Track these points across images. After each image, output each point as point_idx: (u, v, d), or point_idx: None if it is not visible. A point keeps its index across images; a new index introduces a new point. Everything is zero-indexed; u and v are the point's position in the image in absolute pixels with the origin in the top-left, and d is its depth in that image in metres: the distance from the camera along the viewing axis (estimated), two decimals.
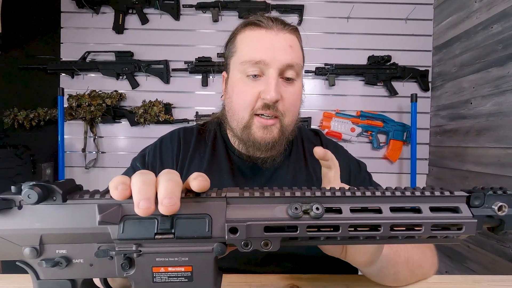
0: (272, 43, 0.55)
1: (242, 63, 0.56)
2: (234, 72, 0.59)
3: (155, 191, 0.26)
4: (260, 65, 0.54)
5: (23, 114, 1.68)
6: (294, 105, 0.58)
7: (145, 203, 0.25)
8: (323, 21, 1.78)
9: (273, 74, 0.54)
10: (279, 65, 0.54)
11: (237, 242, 0.27)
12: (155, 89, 1.77)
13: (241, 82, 0.57)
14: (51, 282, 0.28)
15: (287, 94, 0.56)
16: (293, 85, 0.58)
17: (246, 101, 0.56)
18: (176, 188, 0.26)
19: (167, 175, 0.27)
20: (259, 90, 0.55)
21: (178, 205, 0.25)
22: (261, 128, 0.56)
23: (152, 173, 0.27)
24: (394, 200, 0.29)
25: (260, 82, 0.56)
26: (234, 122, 0.59)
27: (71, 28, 1.75)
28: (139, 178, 0.26)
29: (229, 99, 0.61)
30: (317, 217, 0.27)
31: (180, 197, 0.26)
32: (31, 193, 0.25)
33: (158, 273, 0.28)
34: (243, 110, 0.57)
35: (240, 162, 0.64)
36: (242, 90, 0.57)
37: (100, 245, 0.28)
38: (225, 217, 0.27)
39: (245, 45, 0.58)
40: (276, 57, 0.54)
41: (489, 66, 1.35)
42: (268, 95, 0.53)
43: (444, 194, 0.29)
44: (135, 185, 0.26)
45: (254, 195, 0.28)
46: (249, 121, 0.57)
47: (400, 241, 0.30)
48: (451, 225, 0.29)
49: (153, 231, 0.27)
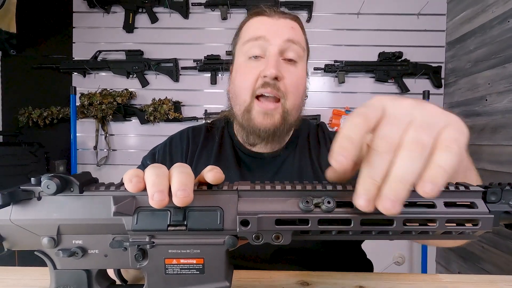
0: (273, 23, 0.57)
1: (244, 43, 0.58)
2: (238, 57, 0.60)
3: (169, 184, 0.26)
4: (261, 42, 0.55)
5: (37, 112, 1.73)
6: (295, 86, 0.57)
7: (160, 195, 0.25)
8: (332, 18, 1.76)
9: (273, 50, 0.55)
10: (279, 41, 0.55)
11: (249, 235, 0.27)
12: (165, 87, 1.78)
13: (243, 64, 0.58)
14: (67, 272, 0.29)
15: (288, 73, 0.56)
16: (295, 66, 0.58)
17: (248, 81, 0.56)
18: (189, 180, 0.26)
19: (179, 168, 0.27)
20: (259, 69, 0.55)
21: (191, 197, 0.26)
22: (261, 113, 0.56)
23: (164, 166, 0.28)
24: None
25: (261, 62, 0.56)
26: (237, 107, 0.60)
27: (83, 27, 1.79)
28: (152, 171, 0.27)
29: (232, 84, 0.62)
30: (329, 210, 0.27)
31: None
32: (50, 184, 0.26)
33: (171, 264, 0.28)
34: (245, 91, 0.57)
35: (246, 157, 0.64)
36: (243, 72, 0.58)
37: (115, 236, 0.28)
38: (237, 209, 0.27)
39: (247, 29, 0.60)
40: (276, 33, 0.55)
41: (505, 62, 1.31)
42: (267, 71, 0.53)
43: (459, 189, 0.28)
44: (149, 178, 0.26)
45: (265, 188, 0.28)
46: (250, 104, 0.57)
47: (413, 237, 0.29)
48: (467, 221, 0.29)
49: (166, 223, 0.27)
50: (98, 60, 1.76)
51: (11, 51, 1.74)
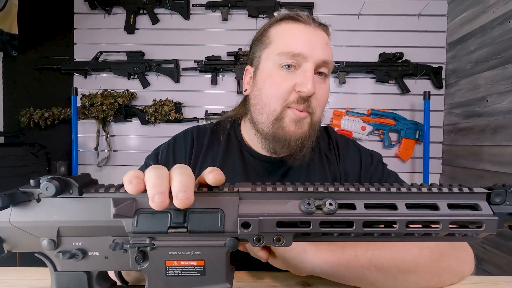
0: (310, 38, 0.55)
1: (279, 54, 0.55)
2: (267, 63, 0.58)
3: (169, 185, 0.26)
4: (298, 58, 0.54)
5: (39, 113, 1.73)
6: (324, 101, 0.58)
7: (160, 197, 0.25)
8: (333, 18, 1.76)
9: (311, 67, 0.53)
10: (316, 60, 0.54)
11: (250, 237, 0.27)
12: (166, 88, 1.78)
13: (275, 72, 0.56)
14: (67, 274, 0.29)
15: (320, 90, 0.56)
16: (325, 82, 0.58)
17: (280, 92, 0.55)
18: (190, 182, 0.26)
19: (180, 169, 0.27)
20: (294, 82, 0.54)
21: (192, 199, 0.26)
22: (294, 121, 0.55)
23: (165, 167, 0.28)
24: (410, 197, 0.28)
25: (296, 74, 0.55)
26: (264, 115, 0.57)
27: (84, 29, 1.79)
28: (153, 172, 0.27)
29: (258, 91, 0.59)
30: (330, 212, 0.27)
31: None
32: (49, 186, 0.26)
33: (171, 266, 0.28)
34: (275, 102, 0.55)
35: (254, 161, 0.63)
36: (276, 81, 0.56)
37: (115, 238, 0.28)
38: (238, 211, 0.27)
39: (282, 37, 0.57)
40: (314, 52, 0.54)
41: (506, 62, 1.31)
42: (305, 88, 0.52)
43: (462, 190, 0.28)
44: (149, 179, 0.26)
45: (266, 190, 0.28)
46: (282, 113, 0.55)
47: (416, 239, 0.29)
48: (470, 223, 0.28)
49: (166, 225, 0.27)
50: (99, 61, 1.76)
51: (13, 52, 1.75)
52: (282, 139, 0.56)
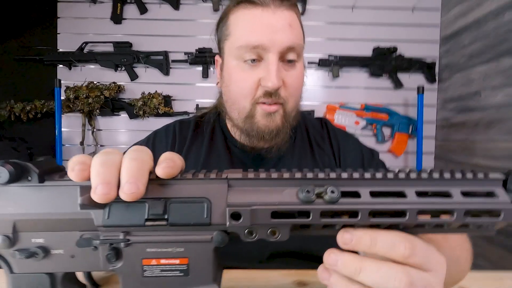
0: (269, 24, 0.49)
1: (238, 48, 0.51)
2: (229, 58, 0.54)
3: (118, 174, 0.22)
4: (258, 50, 0.50)
5: (20, 106, 1.65)
6: (296, 89, 0.54)
7: (102, 188, 0.21)
8: (327, 11, 1.73)
9: (273, 59, 0.49)
10: (279, 48, 0.49)
11: (240, 230, 0.24)
12: (155, 81, 1.72)
13: (238, 69, 0.53)
14: (26, 276, 0.25)
15: (289, 78, 0.52)
16: (295, 68, 0.53)
17: (246, 89, 0.52)
18: (141, 169, 0.22)
19: (132, 153, 0.23)
20: (258, 76, 0.51)
21: (141, 191, 0.22)
22: (265, 115, 0.52)
23: (118, 152, 0.24)
24: (420, 183, 0.25)
25: (259, 68, 0.51)
26: (235, 112, 0.55)
27: (68, 18, 1.71)
28: (99, 158, 0.23)
29: (226, 88, 0.56)
30: (333, 201, 0.23)
31: (175, 178, 0.23)
32: (1, 171, 0.22)
33: (149, 266, 0.24)
34: (243, 99, 0.53)
35: (241, 153, 0.60)
36: (240, 78, 0.52)
37: (83, 233, 0.24)
38: (226, 201, 0.24)
39: (239, 27, 0.52)
40: (275, 40, 0.49)
41: (500, 56, 1.30)
42: (269, 83, 0.49)
43: (477, 176, 0.25)
44: (93, 166, 0.22)
45: (259, 176, 0.25)
46: (251, 110, 0.53)
47: (427, 231, 0.26)
48: (486, 212, 0.25)
49: (143, 217, 0.23)
50: (84, 52, 1.68)
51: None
52: (255, 135, 0.54)
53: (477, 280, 0.45)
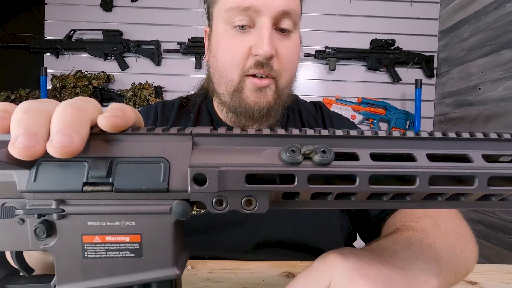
0: None
1: (227, 11, 0.46)
2: (218, 23, 0.49)
3: (49, 125, 0.18)
4: (250, 13, 0.44)
5: (4, 95, 1.58)
6: (291, 62, 0.49)
7: (25, 140, 0.16)
8: (324, 2, 1.68)
9: (266, 23, 0.44)
10: (273, 12, 0.44)
11: (207, 199, 0.18)
12: (146, 71, 1.66)
13: (227, 35, 0.47)
14: None
15: (283, 49, 0.47)
16: (290, 38, 0.48)
17: (235, 59, 0.46)
18: (79, 118, 0.18)
19: (71, 101, 0.19)
20: (249, 44, 0.45)
21: (77, 145, 0.17)
22: (255, 90, 0.47)
23: (54, 101, 0.19)
24: (433, 145, 0.20)
25: (251, 34, 0.46)
26: (222, 86, 0.50)
27: (56, 4, 1.64)
28: (24, 104, 0.18)
29: (213, 58, 0.51)
30: (324, 163, 0.18)
31: (119, 132, 0.18)
32: None
33: (92, 244, 0.19)
34: (232, 70, 0.47)
35: None
36: (229, 46, 0.47)
37: (4, 202, 0.19)
38: (190, 162, 0.18)
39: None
40: (269, 2, 0.44)
41: (500, 49, 1.27)
42: (260, 50, 0.44)
43: (502, 137, 0.21)
44: (15, 114, 0.17)
45: (233, 133, 0.20)
46: (240, 83, 0.47)
47: (439, 205, 0.21)
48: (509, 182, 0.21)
49: (81, 180, 0.18)
50: (72, 40, 1.61)
51: None
52: (243, 112, 0.49)
53: (486, 273, 0.41)
